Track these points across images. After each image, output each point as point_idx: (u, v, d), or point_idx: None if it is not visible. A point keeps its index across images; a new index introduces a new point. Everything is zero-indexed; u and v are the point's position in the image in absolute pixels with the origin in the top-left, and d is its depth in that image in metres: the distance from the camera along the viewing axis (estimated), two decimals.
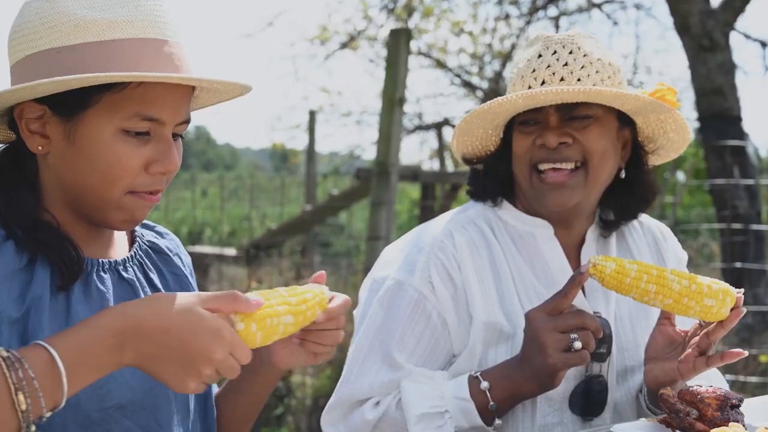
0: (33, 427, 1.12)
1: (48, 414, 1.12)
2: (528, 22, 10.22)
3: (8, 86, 1.29)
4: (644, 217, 1.98)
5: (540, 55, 1.75)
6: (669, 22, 7.09)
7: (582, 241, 1.86)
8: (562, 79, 1.72)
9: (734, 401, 1.45)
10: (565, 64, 1.73)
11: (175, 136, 1.37)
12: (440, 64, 11.33)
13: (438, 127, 11.81)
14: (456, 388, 1.67)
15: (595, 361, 1.73)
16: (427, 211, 8.24)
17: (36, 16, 1.29)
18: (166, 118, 1.32)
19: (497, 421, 1.66)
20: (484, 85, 11.18)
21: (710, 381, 1.80)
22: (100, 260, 1.41)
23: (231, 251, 9.73)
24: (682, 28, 6.73)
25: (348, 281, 7.01)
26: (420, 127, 11.76)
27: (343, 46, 11.04)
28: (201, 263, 9.14)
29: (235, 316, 1.20)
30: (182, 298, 1.19)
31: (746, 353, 1.66)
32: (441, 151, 12.12)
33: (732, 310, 1.63)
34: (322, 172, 12.88)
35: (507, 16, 10.44)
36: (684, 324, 1.74)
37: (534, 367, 1.61)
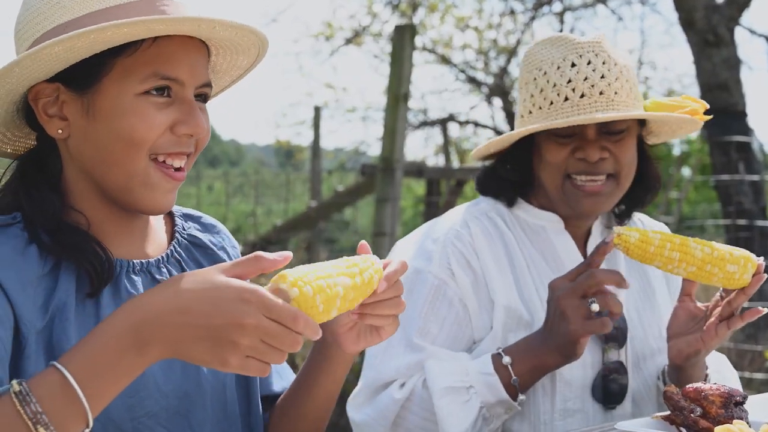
0: None
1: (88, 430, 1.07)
2: (533, 18, 10.21)
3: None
4: (645, 218, 2.03)
5: (573, 64, 1.75)
6: (674, 17, 7.08)
7: (588, 234, 1.90)
8: (601, 93, 1.74)
9: (738, 398, 1.46)
10: (602, 77, 1.75)
11: (198, 101, 1.31)
12: (445, 60, 11.32)
13: (443, 122, 11.81)
14: (480, 364, 1.69)
15: (610, 342, 1.77)
16: (432, 207, 8.24)
17: (39, 1, 1.28)
18: (184, 77, 1.27)
19: (521, 396, 1.68)
20: (489, 80, 11.17)
21: (725, 380, 1.82)
22: (131, 261, 1.35)
23: None
24: (687, 23, 6.72)
25: None
26: (425, 123, 11.76)
27: (348, 41, 11.04)
28: None
29: (284, 284, 1.07)
30: (198, 273, 1.10)
31: (765, 310, 1.68)
32: (446, 146, 12.13)
33: (753, 276, 1.66)
34: (327, 168, 12.90)
35: (512, 12, 10.44)
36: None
37: (557, 336, 1.62)
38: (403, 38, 4.78)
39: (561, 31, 10.36)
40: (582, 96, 1.74)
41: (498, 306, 1.75)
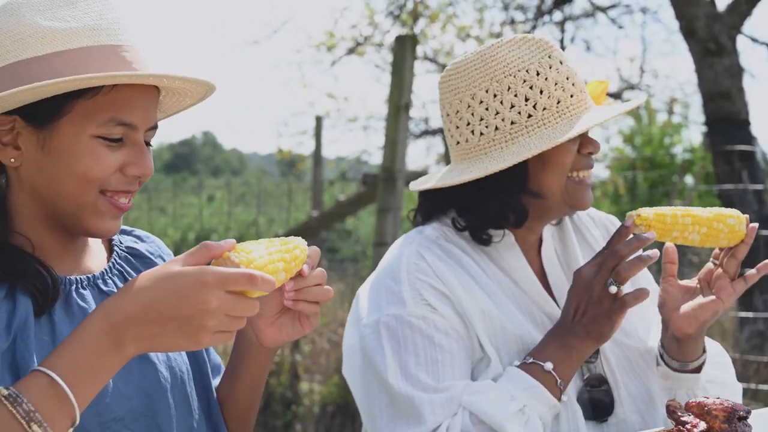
0: None
1: (71, 430, 1.15)
2: (534, 27, 10.21)
3: None
4: (593, 211, 2.02)
5: (561, 62, 1.72)
6: (675, 25, 7.07)
7: (540, 241, 1.88)
8: (581, 91, 1.75)
9: (742, 413, 1.44)
10: (575, 74, 1.76)
11: (146, 143, 1.39)
12: None
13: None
14: (517, 381, 1.64)
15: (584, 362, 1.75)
16: None
17: (1, 31, 1.31)
18: (139, 122, 1.34)
19: (563, 397, 1.67)
20: None
21: (724, 389, 1.82)
22: (78, 277, 1.41)
23: None
24: (688, 32, 6.71)
25: (355, 287, 7.01)
26: (426, 132, 11.77)
27: (350, 51, 11.06)
28: None
29: (236, 256, 1.19)
30: (157, 269, 1.18)
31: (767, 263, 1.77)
32: (447, 156, 12.11)
33: (747, 227, 1.75)
34: (329, 177, 12.91)
35: (512, 21, 10.45)
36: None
37: (591, 323, 1.64)
38: (404, 48, 4.78)
39: (562, 40, 10.37)
40: (581, 91, 1.74)
41: (477, 328, 1.70)
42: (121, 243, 1.56)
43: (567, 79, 1.72)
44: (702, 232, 1.70)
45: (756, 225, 1.78)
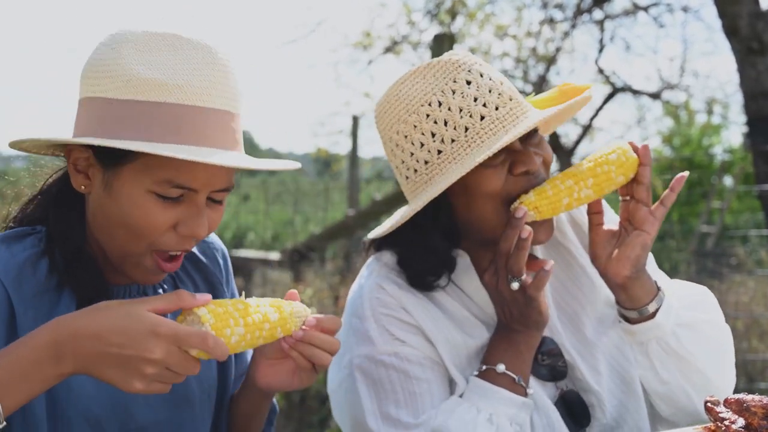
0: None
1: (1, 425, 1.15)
2: (573, 26, 10.15)
3: (63, 135, 1.34)
4: None
5: (468, 82, 1.59)
6: (717, 24, 6.98)
7: None
8: (510, 99, 1.60)
9: None
10: (502, 83, 1.62)
11: (214, 201, 1.37)
12: None
13: None
14: (478, 390, 1.63)
15: (558, 380, 1.73)
16: None
17: (100, 62, 1.32)
18: (198, 186, 1.32)
19: (529, 390, 1.65)
20: (528, 89, 11.13)
21: (698, 330, 1.74)
22: (128, 286, 1.44)
23: (275, 255, 9.82)
24: (731, 30, 6.63)
25: None
26: None
27: (386, 51, 11.08)
28: (245, 268, 9.25)
29: (201, 309, 1.21)
30: (124, 303, 1.19)
31: (686, 173, 1.68)
32: None
33: (638, 153, 1.65)
34: (365, 177, 12.94)
35: (551, 20, 10.38)
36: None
37: (521, 317, 1.62)
38: (442, 47, 4.80)
39: (602, 39, 10.29)
40: (497, 108, 1.58)
41: (444, 356, 1.67)
42: None
43: (475, 101, 1.57)
44: (590, 184, 1.61)
45: (647, 143, 1.67)
